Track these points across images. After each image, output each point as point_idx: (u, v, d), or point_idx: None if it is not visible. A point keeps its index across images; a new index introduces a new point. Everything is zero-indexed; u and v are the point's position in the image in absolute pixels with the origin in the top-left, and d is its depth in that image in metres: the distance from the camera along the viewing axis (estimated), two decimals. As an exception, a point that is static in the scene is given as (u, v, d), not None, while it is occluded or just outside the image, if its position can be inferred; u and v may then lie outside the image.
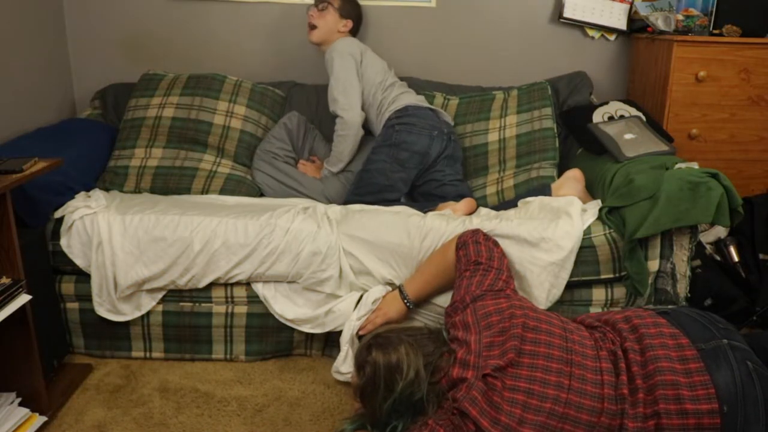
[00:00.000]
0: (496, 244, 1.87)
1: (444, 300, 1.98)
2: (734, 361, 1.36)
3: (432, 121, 2.47)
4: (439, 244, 2.00)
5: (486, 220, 2.04)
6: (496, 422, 1.34)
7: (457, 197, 2.40)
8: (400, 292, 1.97)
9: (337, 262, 2.05)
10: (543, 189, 2.32)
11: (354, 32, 2.68)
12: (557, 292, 1.98)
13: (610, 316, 1.58)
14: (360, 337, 1.94)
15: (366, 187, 2.41)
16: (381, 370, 1.49)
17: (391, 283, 2.06)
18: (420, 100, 2.57)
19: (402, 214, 2.13)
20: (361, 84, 2.52)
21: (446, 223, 2.05)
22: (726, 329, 1.45)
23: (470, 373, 1.42)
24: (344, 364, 1.97)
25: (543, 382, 1.38)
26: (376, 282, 2.06)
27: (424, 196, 2.49)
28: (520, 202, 2.26)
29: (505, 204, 2.39)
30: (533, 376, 1.39)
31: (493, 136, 2.64)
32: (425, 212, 2.19)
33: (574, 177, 2.30)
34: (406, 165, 2.41)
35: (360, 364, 1.56)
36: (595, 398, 1.36)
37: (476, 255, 1.79)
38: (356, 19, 2.66)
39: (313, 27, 2.60)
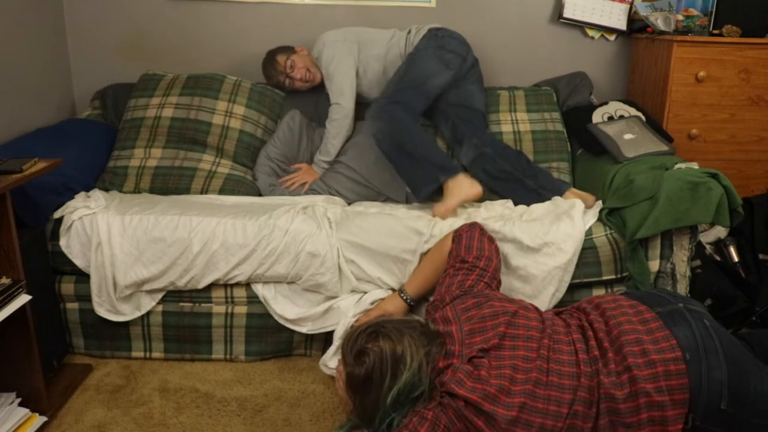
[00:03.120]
0: (491, 240, 1.89)
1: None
2: (692, 320, 1.47)
3: (461, 36, 2.60)
4: None
5: (491, 222, 2.03)
6: (485, 394, 1.40)
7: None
8: (400, 291, 1.97)
9: (335, 265, 2.04)
10: (562, 183, 2.37)
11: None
12: (560, 295, 1.98)
13: (577, 303, 1.69)
14: None
15: (406, 82, 2.43)
16: (387, 359, 1.48)
17: (393, 290, 2.06)
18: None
19: (404, 219, 2.13)
20: (356, 65, 2.57)
21: (448, 227, 2.04)
22: (683, 298, 1.57)
23: (455, 360, 1.48)
24: (333, 359, 1.97)
25: (525, 359, 1.46)
26: (378, 288, 2.06)
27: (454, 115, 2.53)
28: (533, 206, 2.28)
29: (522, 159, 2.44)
30: (516, 354, 1.47)
31: (506, 127, 2.64)
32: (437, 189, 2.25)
33: (587, 199, 2.26)
34: (450, 65, 2.49)
35: (361, 351, 1.50)
36: (572, 365, 1.46)
37: (466, 251, 1.82)
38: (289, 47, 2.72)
39: (307, 75, 2.64)
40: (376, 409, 1.49)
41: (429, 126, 2.60)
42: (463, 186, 2.22)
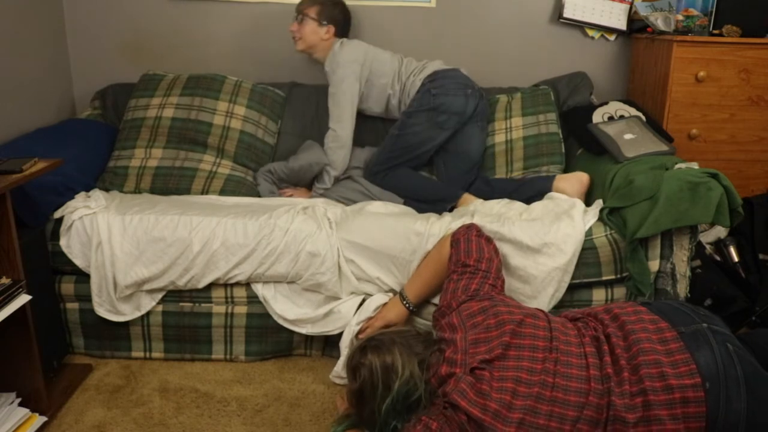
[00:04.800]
0: (489, 240, 1.88)
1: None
2: (714, 343, 1.39)
3: (463, 80, 2.53)
4: None
5: (489, 222, 2.03)
6: (486, 409, 1.37)
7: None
8: (401, 296, 1.97)
9: (335, 264, 2.04)
10: (545, 180, 2.36)
11: (344, 32, 2.65)
12: (560, 295, 1.99)
13: (592, 309, 1.63)
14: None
15: (398, 150, 2.48)
16: (378, 371, 1.53)
17: (393, 291, 2.06)
18: (443, 65, 2.62)
19: (404, 219, 2.13)
20: (361, 91, 2.55)
21: (447, 226, 2.05)
22: (707, 316, 1.48)
23: (458, 369, 1.47)
24: (345, 369, 1.97)
25: (530, 371, 1.42)
26: (378, 289, 2.06)
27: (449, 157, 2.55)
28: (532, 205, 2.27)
29: (506, 183, 2.47)
30: (520, 366, 1.43)
31: (499, 138, 2.63)
32: (450, 209, 2.32)
33: (579, 180, 2.31)
34: (445, 126, 2.47)
35: (355, 366, 1.59)
36: (582, 380, 1.40)
37: (466, 255, 1.81)
38: (341, 21, 2.63)
39: (297, 39, 2.61)
40: (374, 420, 1.55)
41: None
42: (467, 201, 2.40)
